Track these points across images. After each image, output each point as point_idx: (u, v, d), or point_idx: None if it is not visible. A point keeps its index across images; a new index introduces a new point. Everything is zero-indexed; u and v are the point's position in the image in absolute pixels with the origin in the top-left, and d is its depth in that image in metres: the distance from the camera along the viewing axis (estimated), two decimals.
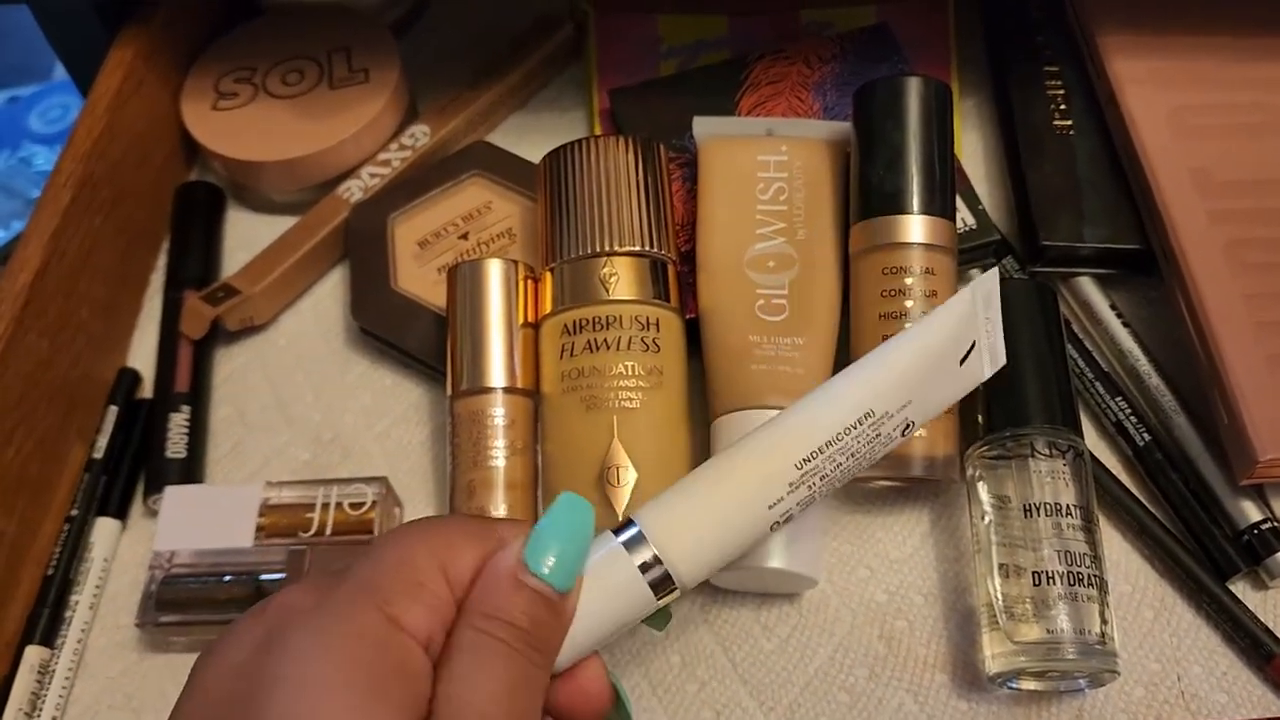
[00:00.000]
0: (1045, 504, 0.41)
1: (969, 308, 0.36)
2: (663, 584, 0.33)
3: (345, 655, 0.27)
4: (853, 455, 0.35)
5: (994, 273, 0.37)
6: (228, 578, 0.45)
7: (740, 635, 0.44)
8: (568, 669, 0.33)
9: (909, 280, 0.44)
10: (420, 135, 0.57)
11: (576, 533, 0.32)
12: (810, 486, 0.35)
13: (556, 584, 0.31)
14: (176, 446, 0.49)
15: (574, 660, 0.32)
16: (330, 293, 0.55)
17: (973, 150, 0.56)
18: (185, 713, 0.28)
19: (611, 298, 0.44)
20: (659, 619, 0.35)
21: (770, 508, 0.35)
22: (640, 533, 0.33)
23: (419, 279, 0.52)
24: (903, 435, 0.36)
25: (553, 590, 0.31)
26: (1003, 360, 0.36)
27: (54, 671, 0.45)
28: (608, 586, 0.33)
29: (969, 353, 0.36)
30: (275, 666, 0.27)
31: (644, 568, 0.33)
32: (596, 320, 0.44)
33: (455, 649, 0.29)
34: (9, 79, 0.94)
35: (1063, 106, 0.53)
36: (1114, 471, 0.46)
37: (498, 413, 0.44)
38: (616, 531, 0.34)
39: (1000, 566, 0.41)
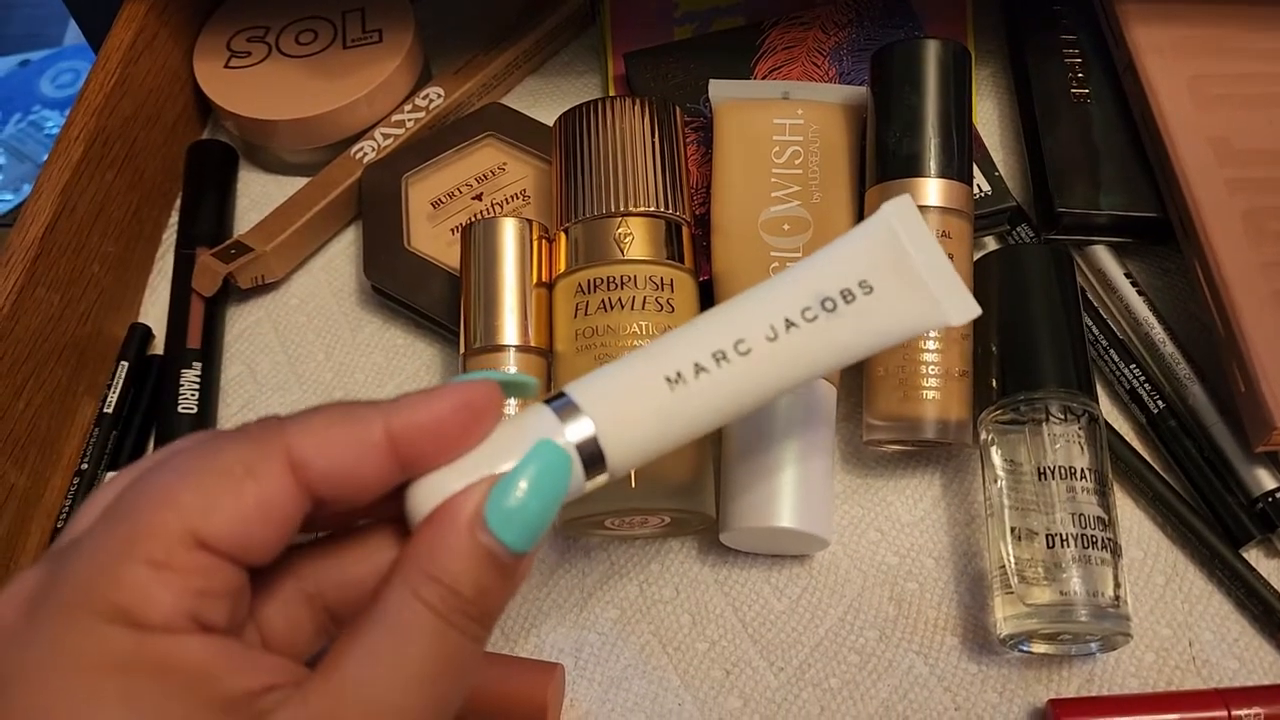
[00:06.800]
0: (1059, 467, 0.40)
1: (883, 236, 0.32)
2: (593, 465, 0.28)
3: (98, 696, 0.23)
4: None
5: (905, 199, 0.33)
6: None
7: (751, 595, 0.44)
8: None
9: None
10: (434, 97, 0.57)
11: (551, 488, 0.26)
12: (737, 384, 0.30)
13: (516, 545, 0.26)
14: (188, 402, 0.49)
15: None
16: (343, 252, 0.55)
17: (989, 118, 0.56)
18: None
19: (626, 257, 0.44)
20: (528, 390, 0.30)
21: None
22: (574, 405, 0.28)
23: (432, 239, 0.52)
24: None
25: (509, 553, 0.26)
26: (973, 309, 0.32)
27: None
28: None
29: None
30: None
31: (578, 447, 0.28)
32: (611, 280, 0.44)
33: (377, 615, 0.25)
34: (19, 47, 0.94)
35: (1080, 74, 0.52)
36: (1127, 439, 0.46)
37: (510, 371, 0.44)
38: (548, 402, 0.29)
39: (1012, 530, 0.40)
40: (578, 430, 0.28)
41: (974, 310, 0.33)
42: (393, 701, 0.24)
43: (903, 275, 0.32)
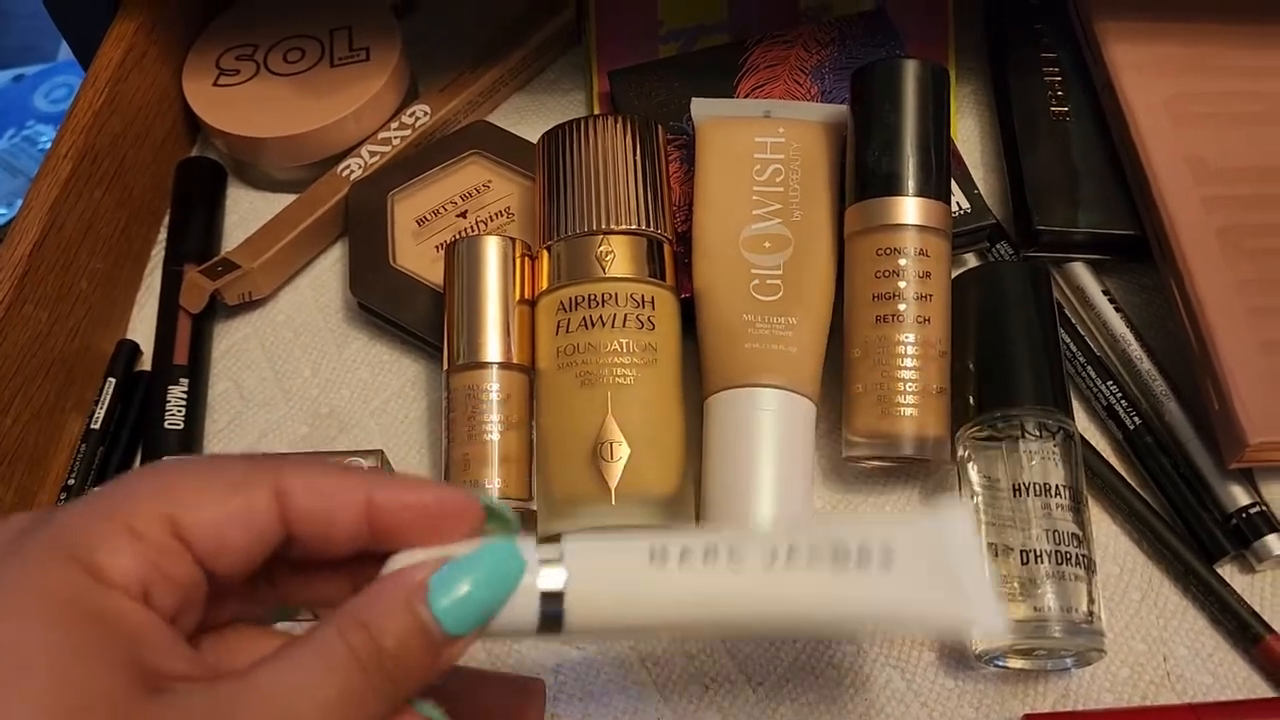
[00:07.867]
0: (1034, 484, 0.41)
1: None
2: (551, 621, 0.28)
3: (34, 616, 0.24)
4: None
5: (960, 513, 0.30)
6: None
7: None
8: None
9: (902, 262, 0.44)
10: (420, 114, 0.58)
11: (497, 583, 0.28)
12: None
13: (449, 626, 0.27)
14: (174, 418, 0.50)
15: None
16: (329, 269, 0.56)
17: (969, 136, 0.56)
18: None
19: (608, 275, 0.45)
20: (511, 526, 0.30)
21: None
22: (558, 550, 0.28)
23: (417, 256, 0.52)
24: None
25: (440, 631, 0.27)
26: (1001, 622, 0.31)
27: None
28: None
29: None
30: None
31: (544, 596, 0.28)
32: (592, 297, 0.44)
33: (304, 639, 0.27)
34: (15, 59, 0.94)
35: (1059, 93, 0.53)
36: (1104, 455, 0.46)
37: (493, 387, 0.45)
38: (542, 541, 0.29)
39: (989, 546, 0.41)
40: (549, 580, 0.28)
41: (1001, 623, 0.31)
42: (291, 709, 0.25)
43: (933, 562, 0.29)
